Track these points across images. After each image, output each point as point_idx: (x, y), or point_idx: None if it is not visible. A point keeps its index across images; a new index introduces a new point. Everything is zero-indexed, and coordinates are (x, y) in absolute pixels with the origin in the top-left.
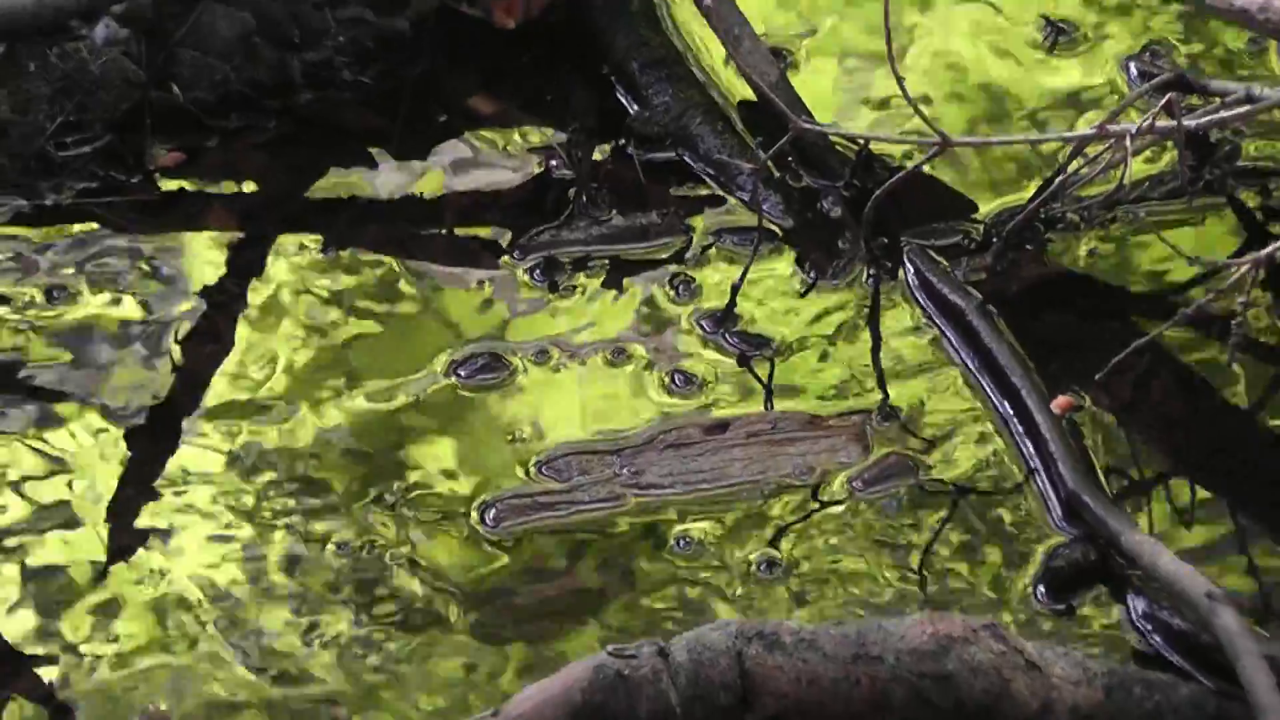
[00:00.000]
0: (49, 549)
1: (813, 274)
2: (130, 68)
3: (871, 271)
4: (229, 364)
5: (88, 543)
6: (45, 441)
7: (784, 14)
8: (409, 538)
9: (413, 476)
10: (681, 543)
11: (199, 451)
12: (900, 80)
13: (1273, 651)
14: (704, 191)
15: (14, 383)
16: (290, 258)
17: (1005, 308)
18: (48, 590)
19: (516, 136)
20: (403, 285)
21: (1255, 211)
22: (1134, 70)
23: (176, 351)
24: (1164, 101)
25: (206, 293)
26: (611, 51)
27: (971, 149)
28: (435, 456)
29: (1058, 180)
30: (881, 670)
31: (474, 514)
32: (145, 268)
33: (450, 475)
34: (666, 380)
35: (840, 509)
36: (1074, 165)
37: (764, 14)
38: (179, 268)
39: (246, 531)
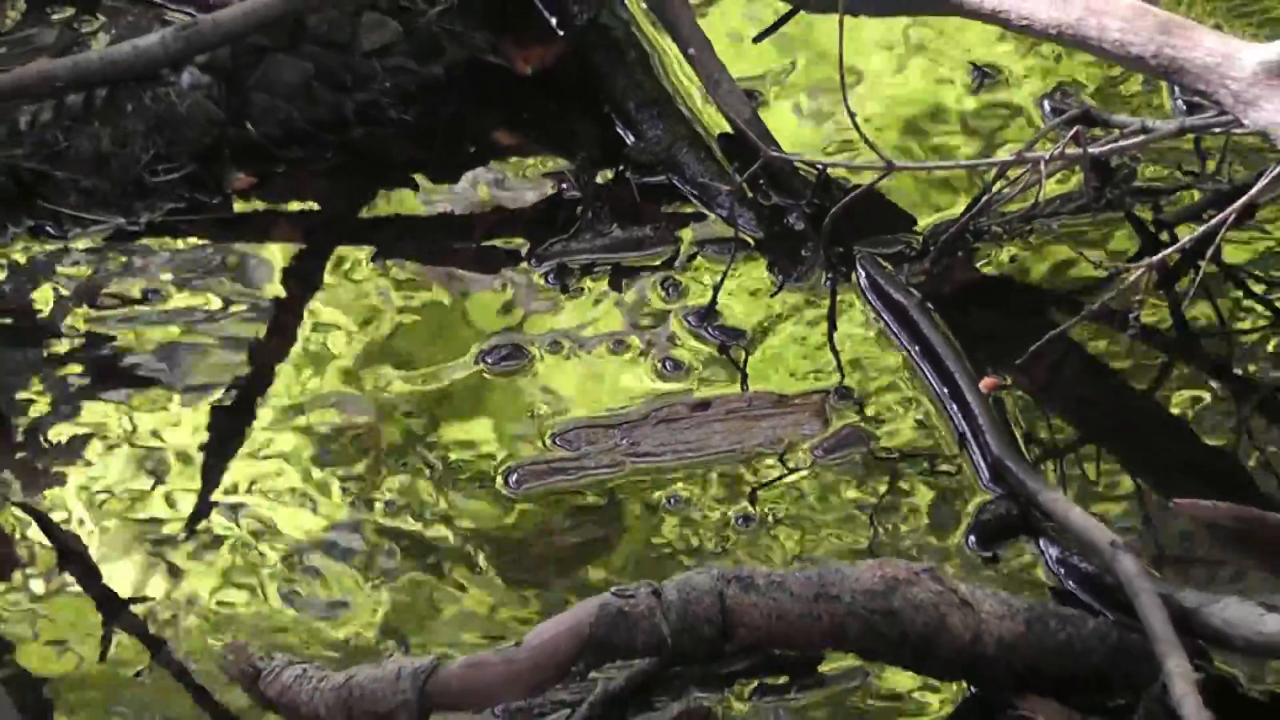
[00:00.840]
0: (146, 509)
1: (780, 277)
2: (211, 108)
3: (829, 275)
4: (295, 354)
5: (178, 503)
6: (142, 419)
7: (755, 62)
8: (445, 497)
9: (448, 446)
10: (672, 501)
11: (270, 427)
12: (852, 115)
13: (1165, 591)
14: (689, 209)
15: (117, 370)
16: (346, 266)
17: (940, 305)
18: (144, 543)
19: (533, 164)
20: (439, 288)
21: (1149, 224)
22: (1047, 107)
23: (252, 344)
24: (1072, 133)
25: (275, 295)
26: (612, 93)
27: (912, 172)
28: (467, 430)
29: (984, 199)
30: (839, 607)
31: (499, 478)
32: (224, 274)
33: (479, 445)
34: (658, 366)
35: (804, 473)
36: (997, 186)
37: (738, 61)
38: (252, 274)
39: (310, 492)
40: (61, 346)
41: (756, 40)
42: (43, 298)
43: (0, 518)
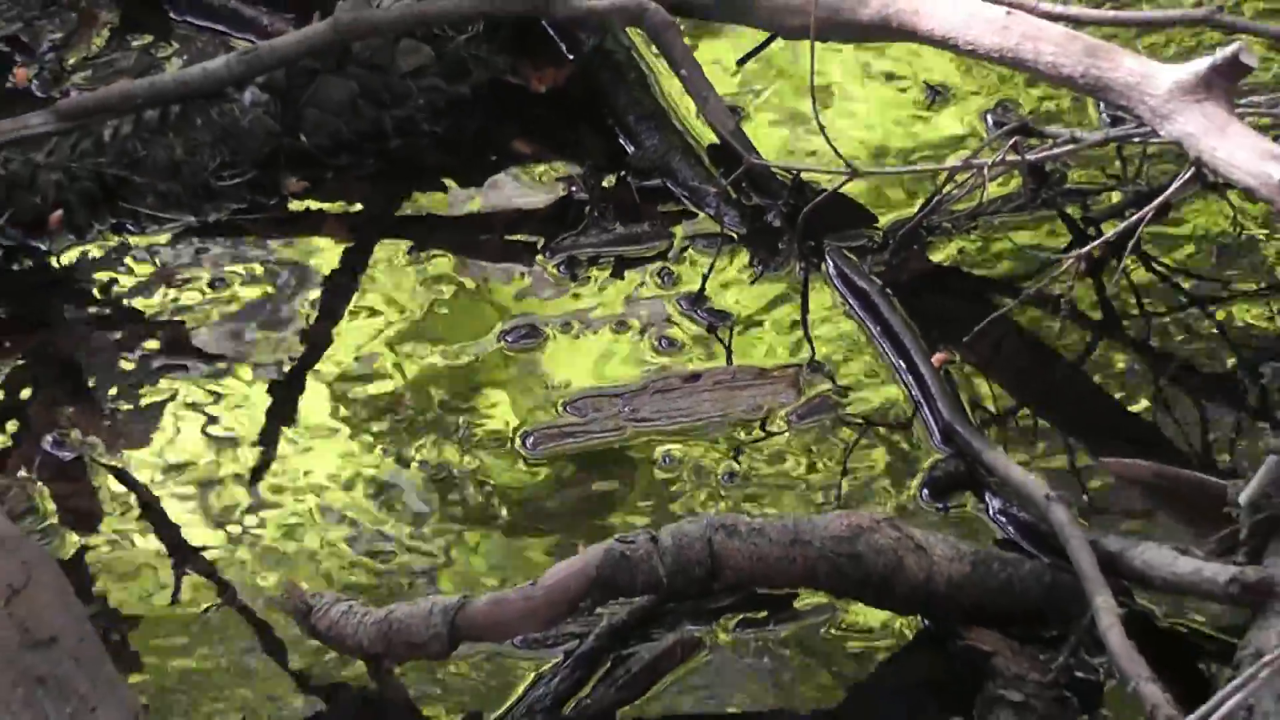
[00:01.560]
0: (212, 467)
1: (760, 267)
2: (269, 122)
3: (802, 265)
4: (341, 333)
5: (240, 462)
6: (210, 389)
7: (739, 81)
8: (471, 457)
9: (474, 413)
10: (666, 460)
11: (321, 397)
12: (822, 127)
13: (1093, 537)
14: (682, 209)
15: (188, 347)
16: (385, 258)
17: (898, 291)
18: (211, 496)
19: (546, 170)
20: (466, 277)
21: (1078, 220)
22: (990, 120)
23: (304, 325)
24: (1011, 142)
25: (325, 283)
26: (615, 108)
27: (873, 177)
28: (490, 399)
29: (936, 199)
30: (811, 551)
31: (517, 440)
32: (280, 265)
33: (500, 412)
34: (655, 344)
35: (781, 435)
36: (947, 188)
37: (724, 80)
38: (305, 265)
39: (356, 453)
40: (140, 327)
41: (740, 63)
42: (124, 285)
43: (89, 475)
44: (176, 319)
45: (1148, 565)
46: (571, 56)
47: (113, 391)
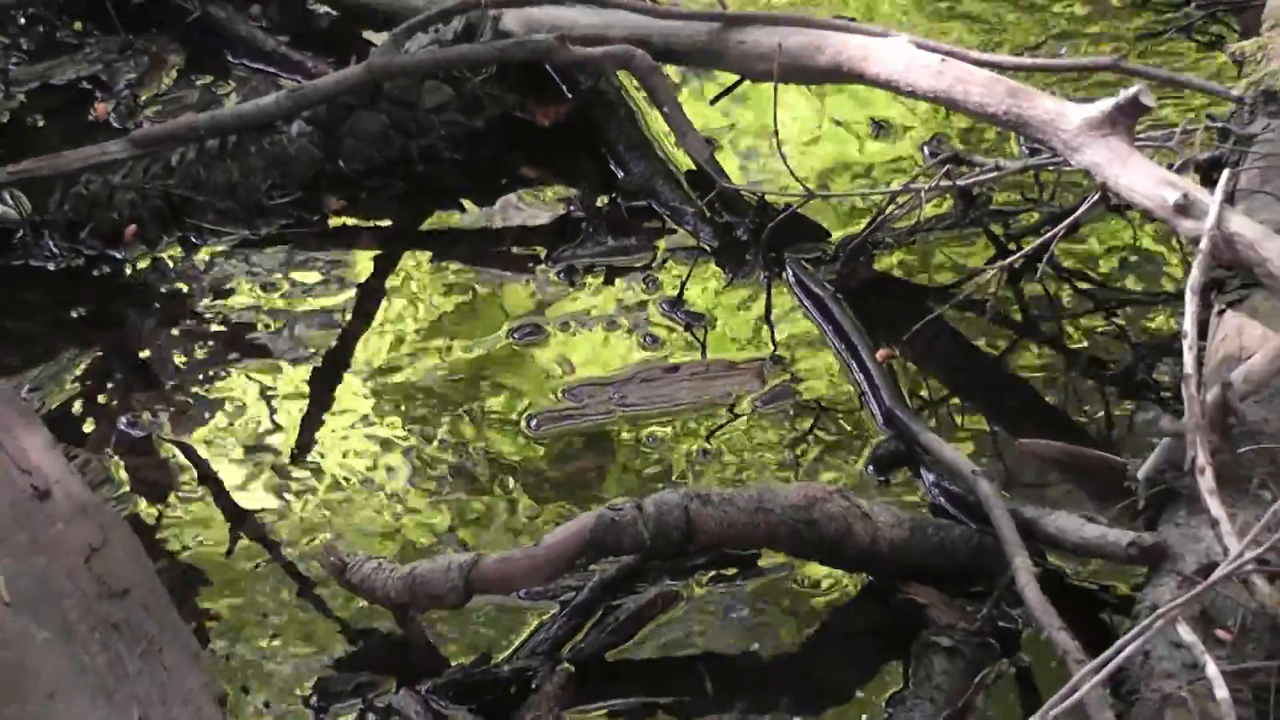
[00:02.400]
0: (262, 444)
1: (730, 275)
2: (313, 150)
3: (766, 274)
4: (374, 331)
5: (287, 439)
6: (262, 378)
7: (712, 116)
8: (484, 436)
9: (486, 399)
10: (650, 439)
11: (356, 384)
12: (784, 156)
13: (1012, 506)
14: (664, 225)
15: (241, 341)
16: (411, 266)
17: (848, 295)
18: (261, 465)
19: (549, 191)
20: (479, 282)
21: (1001, 236)
22: (927, 150)
23: (342, 323)
24: (945, 170)
25: (359, 288)
26: (607, 140)
27: (826, 199)
28: (500, 386)
29: (880, 218)
30: (773, 518)
31: (523, 422)
32: (321, 272)
33: (509, 398)
34: (641, 340)
35: (748, 418)
36: (889, 209)
37: (700, 116)
38: (342, 272)
39: (385, 433)
40: (201, 323)
41: (713, 101)
42: (187, 288)
43: (157, 450)
44: (233, 318)
45: (1059, 530)
46: (571, 95)
47: (178, 379)
